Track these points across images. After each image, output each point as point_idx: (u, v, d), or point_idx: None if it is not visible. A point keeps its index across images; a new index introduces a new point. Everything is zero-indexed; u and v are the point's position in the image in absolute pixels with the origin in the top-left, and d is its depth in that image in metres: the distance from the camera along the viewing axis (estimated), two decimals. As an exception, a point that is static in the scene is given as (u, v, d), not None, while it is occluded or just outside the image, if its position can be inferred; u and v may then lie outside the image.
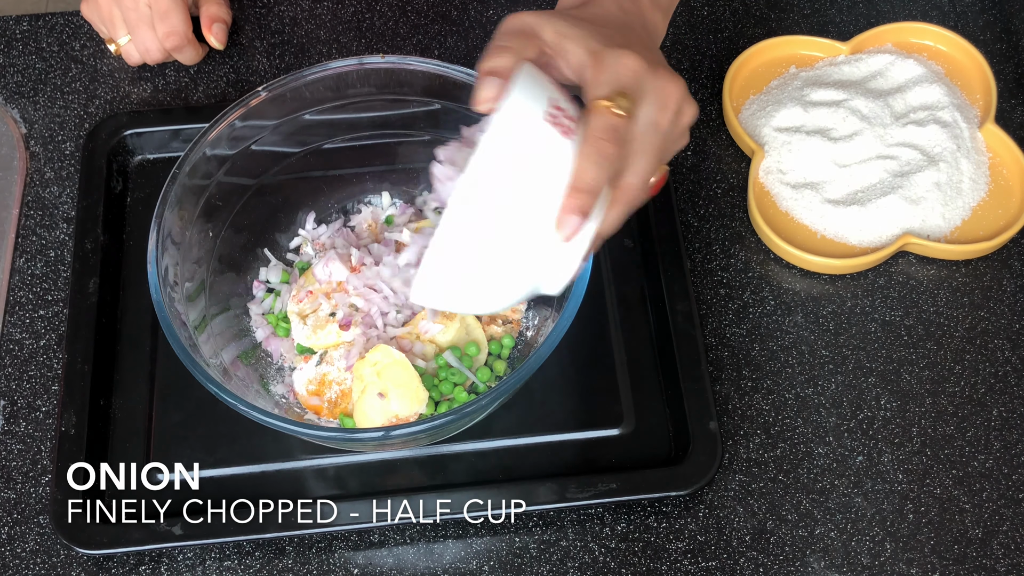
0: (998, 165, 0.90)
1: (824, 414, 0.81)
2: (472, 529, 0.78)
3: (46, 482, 0.80)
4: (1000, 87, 0.94)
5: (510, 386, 0.71)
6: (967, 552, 0.76)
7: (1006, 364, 0.83)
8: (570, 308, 0.73)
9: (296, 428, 0.71)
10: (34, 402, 0.83)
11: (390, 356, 0.76)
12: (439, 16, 1.00)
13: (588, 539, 0.77)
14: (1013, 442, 0.80)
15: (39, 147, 0.94)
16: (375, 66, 0.81)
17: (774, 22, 0.99)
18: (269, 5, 1.01)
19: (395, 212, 0.87)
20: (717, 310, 0.85)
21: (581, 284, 0.73)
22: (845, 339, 0.84)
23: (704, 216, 0.90)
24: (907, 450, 0.80)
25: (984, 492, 0.78)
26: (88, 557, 0.77)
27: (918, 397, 0.82)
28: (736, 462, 0.79)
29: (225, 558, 0.77)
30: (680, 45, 0.98)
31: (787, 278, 0.87)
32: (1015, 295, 0.86)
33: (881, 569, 0.76)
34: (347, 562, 0.76)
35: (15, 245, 0.89)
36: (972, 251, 0.86)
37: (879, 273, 0.87)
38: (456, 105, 0.82)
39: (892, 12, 0.99)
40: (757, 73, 0.95)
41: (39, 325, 0.86)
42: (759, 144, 0.91)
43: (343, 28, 0.99)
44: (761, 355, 0.84)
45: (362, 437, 0.71)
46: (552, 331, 0.72)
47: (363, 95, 0.82)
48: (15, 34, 1.00)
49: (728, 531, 0.77)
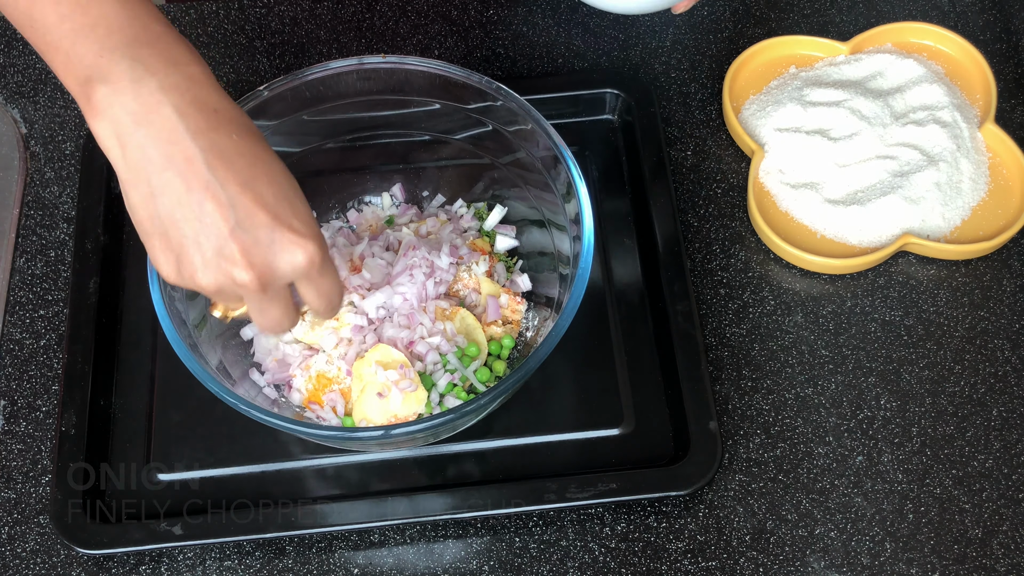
0: (998, 165, 0.90)
1: (824, 414, 0.81)
2: (472, 529, 0.78)
3: (46, 482, 0.80)
4: (1000, 87, 0.94)
5: (510, 386, 0.71)
6: (967, 552, 0.76)
7: (1006, 364, 0.83)
8: (569, 309, 0.73)
9: (296, 427, 0.71)
10: (34, 402, 0.83)
11: (390, 356, 0.76)
12: (439, 16, 1.00)
13: (588, 539, 0.77)
14: (1013, 442, 0.80)
15: (39, 147, 0.94)
16: (375, 66, 0.81)
17: (774, 22, 0.99)
18: (269, 5, 1.01)
19: (395, 212, 0.88)
20: (717, 310, 0.85)
21: (580, 286, 0.73)
22: (845, 339, 0.84)
23: (704, 216, 0.90)
24: (907, 450, 0.80)
25: (984, 492, 0.78)
26: (88, 557, 0.77)
27: (918, 397, 0.82)
28: (736, 462, 0.80)
29: (225, 558, 0.77)
30: (680, 45, 0.98)
31: (787, 278, 0.87)
32: (1015, 295, 0.86)
33: (881, 569, 0.76)
34: (347, 562, 0.77)
35: (15, 245, 0.89)
36: (972, 251, 0.86)
37: (879, 273, 0.87)
38: (456, 105, 0.82)
39: (892, 12, 0.99)
40: (757, 73, 0.95)
41: (39, 325, 0.86)
42: (759, 144, 0.91)
43: (343, 28, 0.99)
44: (761, 355, 0.84)
45: (362, 436, 0.71)
46: (552, 331, 0.72)
47: (363, 95, 0.82)
48: (15, 34, 1.00)
49: (728, 531, 0.77)
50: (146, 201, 0.59)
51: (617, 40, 0.98)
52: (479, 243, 0.84)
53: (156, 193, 0.59)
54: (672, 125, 0.94)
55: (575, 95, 0.93)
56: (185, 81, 0.59)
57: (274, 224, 0.60)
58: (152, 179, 0.59)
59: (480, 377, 0.79)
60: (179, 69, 0.59)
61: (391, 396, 0.75)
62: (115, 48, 0.58)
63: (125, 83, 0.58)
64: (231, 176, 0.59)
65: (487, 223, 0.86)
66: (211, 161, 0.58)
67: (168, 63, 0.59)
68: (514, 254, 0.86)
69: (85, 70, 0.58)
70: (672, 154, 0.92)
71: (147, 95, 0.58)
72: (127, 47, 0.58)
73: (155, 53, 0.59)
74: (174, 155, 0.58)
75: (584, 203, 0.76)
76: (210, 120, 0.59)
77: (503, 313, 0.82)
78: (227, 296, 0.62)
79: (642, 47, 0.98)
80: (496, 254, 0.85)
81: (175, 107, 0.58)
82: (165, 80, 0.58)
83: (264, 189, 0.60)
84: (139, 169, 0.59)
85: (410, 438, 0.72)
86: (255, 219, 0.59)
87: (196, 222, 0.59)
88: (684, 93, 0.96)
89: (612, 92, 0.92)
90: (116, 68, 0.58)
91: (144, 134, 0.58)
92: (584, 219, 0.76)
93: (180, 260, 0.60)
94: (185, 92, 0.59)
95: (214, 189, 0.58)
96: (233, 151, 0.60)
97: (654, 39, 0.98)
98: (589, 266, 0.74)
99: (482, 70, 0.95)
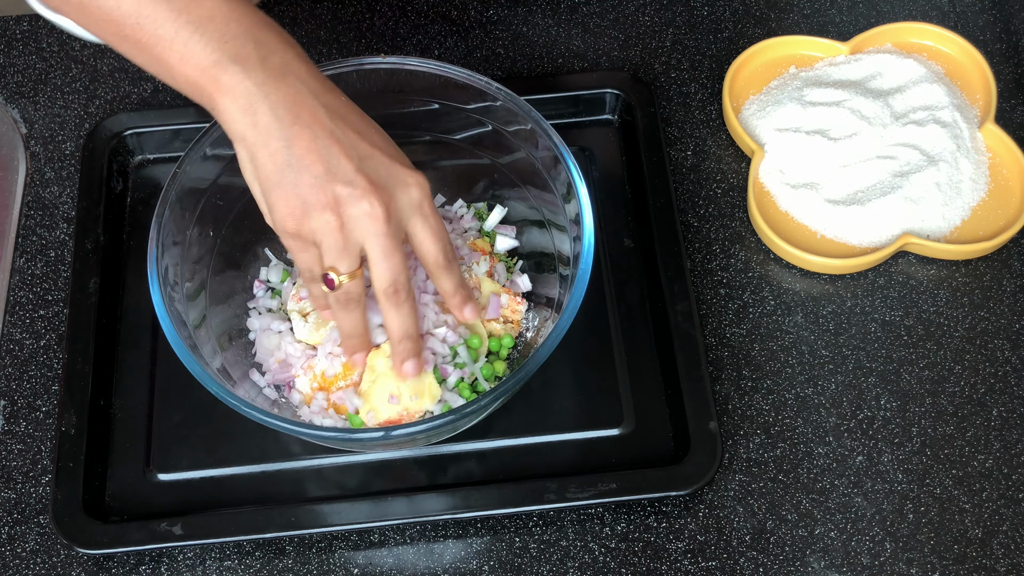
0: (998, 165, 0.90)
1: (824, 414, 0.81)
2: (472, 529, 0.78)
3: (46, 482, 0.80)
4: (1000, 87, 0.94)
5: (510, 387, 0.71)
6: (967, 552, 0.76)
7: (1006, 364, 0.83)
8: (570, 309, 0.73)
9: (296, 428, 0.71)
10: (34, 402, 0.83)
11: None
12: (439, 16, 1.00)
13: (588, 539, 0.77)
14: (1013, 442, 0.80)
15: (39, 147, 0.94)
16: (375, 66, 0.81)
17: (774, 22, 0.99)
18: (269, 5, 1.01)
19: None
20: (717, 310, 0.85)
21: (580, 286, 0.73)
22: (845, 339, 0.84)
23: (704, 216, 0.90)
24: (907, 450, 0.80)
25: (984, 492, 0.78)
26: (88, 557, 0.77)
27: (918, 397, 0.82)
28: (736, 462, 0.80)
29: (225, 558, 0.77)
30: (680, 45, 0.98)
31: (787, 278, 0.87)
32: (1015, 295, 0.86)
33: (881, 569, 0.76)
34: (347, 562, 0.77)
35: (15, 245, 0.89)
36: (972, 251, 0.86)
37: (879, 273, 0.87)
38: (456, 105, 0.82)
39: (892, 12, 0.99)
40: (757, 73, 0.95)
41: (39, 325, 0.86)
42: (759, 144, 0.91)
43: (343, 28, 0.99)
44: (761, 355, 0.84)
45: (362, 437, 0.71)
46: (552, 332, 0.72)
47: (363, 95, 0.82)
48: (15, 34, 1.00)
49: (728, 531, 0.77)
50: (275, 156, 0.67)
51: (617, 40, 0.98)
52: (479, 243, 0.84)
53: (288, 144, 0.66)
54: (672, 125, 0.94)
55: (575, 95, 0.93)
56: (298, 55, 0.69)
57: (391, 162, 0.69)
58: (284, 133, 0.66)
59: (484, 373, 0.79)
60: (291, 47, 0.68)
61: (403, 391, 0.75)
62: (237, 35, 0.66)
63: (254, 61, 0.66)
64: (349, 127, 0.68)
65: (487, 223, 0.86)
66: (332, 115, 0.68)
67: (283, 42, 0.68)
68: (514, 254, 0.86)
69: (211, 55, 0.66)
70: (672, 154, 0.92)
71: (273, 68, 0.67)
72: (247, 33, 0.67)
73: (271, 36, 0.68)
74: (301, 113, 0.67)
75: (584, 203, 0.76)
76: (324, 84, 0.69)
77: (503, 313, 0.82)
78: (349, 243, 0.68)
79: (642, 47, 0.98)
80: (496, 254, 0.85)
81: (297, 75, 0.67)
82: (284, 55, 0.68)
83: (375, 137, 0.70)
84: (269, 129, 0.66)
85: (410, 439, 0.72)
86: (375, 159, 0.68)
87: (325, 163, 0.66)
88: (684, 93, 0.96)
89: (612, 92, 0.92)
90: (243, 50, 0.66)
91: (275, 99, 0.66)
92: (584, 219, 0.76)
93: (306, 202, 0.67)
94: (302, 63, 0.68)
95: (338, 135, 0.67)
96: (346, 108, 0.69)
97: (654, 39, 0.98)
98: (589, 267, 0.74)
99: (482, 70, 0.95)
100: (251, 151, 0.67)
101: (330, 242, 0.68)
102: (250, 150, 0.67)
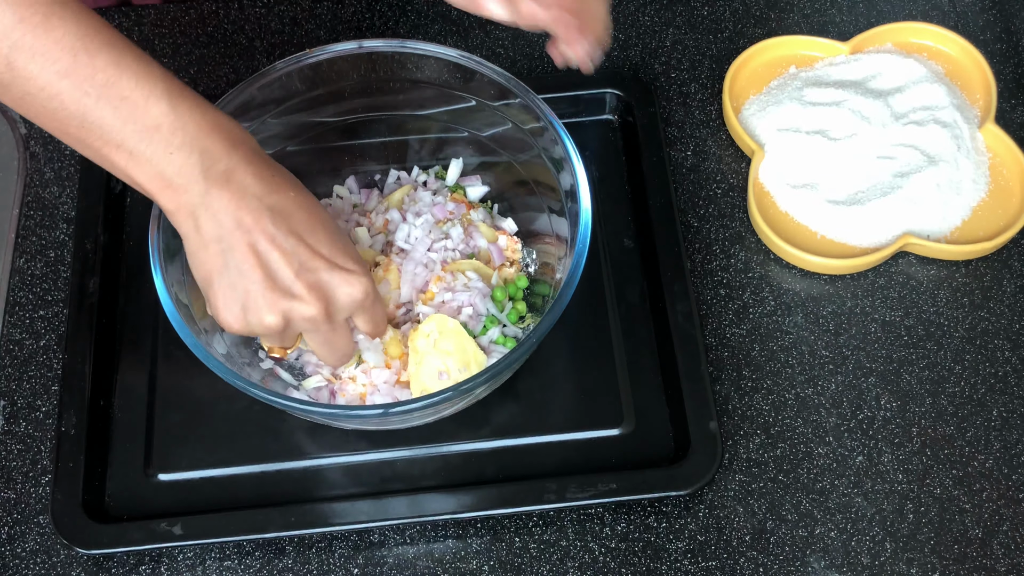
0: (998, 165, 0.90)
1: (824, 414, 0.81)
2: (472, 529, 0.78)
3: (46, 482, 0.80)
4: (1000, 87, 0.94)
5: (508, 364, 0.71)
6: (967, 552, 0.76)
7: (1006, 364, 0.83)
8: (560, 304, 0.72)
9: (296, 406, 0.71)
10: (34, 402, 0.83)
11: (444, 325, 0.77)
12: (439, 16, 1.00)
13: (588, 539, 0.77)
14: (1013, 442, 0.80)
15: (39, 147, 0.94)
16: (374, 50, 0.81)
17: (774, 22, 0.99)
18: (269, 5, 1.01)
19: (360, 202, 0.88)
20: (717, 310, 0.85)
21: (574, 278, 0.73)
22: (845, 339, 0.84)
23: (704, 216, 0.90)
24: (907, 450, 0.80)
25: (984, 492, 0.78)
26: (88, 557, 0.77)
27: (918, 397, 0.82)
28: (736, 462, 0.80)
29: (225, 558, 0.77)
30: (680, 45, 0.98)
31: (787, 278, 0.87)
32: (1015, 295, 0.86)
33: (881, 569, 0.76)
34: (347, 562, 0.77)
35: (15, 245, 0.89)
36: (972, 251, 0.86)
37: (879, 273, 0.87)
38: (453, 91, 0.83)
39: (892, 12, 0.99)
40: (757, 73, 0.95)
41: (39, 325, 0.86)
42: (759, 144, 0.91)
43: (343, 28, 0.99)
44: (761, 355, 0.84)
45: (362, 414, 0.72)
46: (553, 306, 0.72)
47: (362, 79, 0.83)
48: (15, 34, 1.00)
49: (728, 531, 0.77)
50: (215, 258, 0.67)
51: (617, 40, 0.98)
52: (457, 195, 0.86)
53: (227, 249, 0.67)
54: (672, 125, 0.94)
55: (575, 95, 0.93)
56: (244, 158, 0.68)
57: (331, 267, 0.69)
58: (225, 238, 0.67)
59: (511, 319, 0.81)
60: (237, 149, 0.68)
61: (450, 366, 0.76)
62: (182, 146, 0.66)
63: (197, 173, 0.66)
64: (292, 231, 0.68)
65: (448, 178, 0.88)
66: (275, 219, 0.67)
67: (228, 145, 0.67)
68: (486, 199, 0.87)
69: (155, 168, 0.66)
70: (672, 154, 0.92)
71: (215, 177, 0.67)
72: (192, 143, 0.66)
73: (216, 141, 0.67)
74: (243, 218, 0.67)
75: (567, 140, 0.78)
76: (270, 185, 0.68)
77: (505, 255, 0.82)
78: (289, 334, 0.70)
79: (642, 47, 0.98)
80: (473, 203, 0.86)
81: (240, 181, 0.67)
82: (229, 161, 0.67)
83: (320, 237, 0.69)
84: (210, 234, 0.67)
85: (408, 414, 0.72)
86: (315, 263, 0.68)
87: (264, 269, 0.67)
88: (684, 93, 0.96)
89: (612, 92, 0.92)
90: (187, 162, 0.66)
91: (217, 207, 0.67)
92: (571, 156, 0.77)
93: (247, 306, 0.68)
94: (247, 166, 0.68)
95: (279, 240, 0.67)
96: (293, 206, 0.69)
97: (654, 39, 0.98)
98: (582, 266, 0.74)
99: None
100: (193, 250, 0.69)
101: (272, 337, 0.71)
102: (192, 249, 0.69)
